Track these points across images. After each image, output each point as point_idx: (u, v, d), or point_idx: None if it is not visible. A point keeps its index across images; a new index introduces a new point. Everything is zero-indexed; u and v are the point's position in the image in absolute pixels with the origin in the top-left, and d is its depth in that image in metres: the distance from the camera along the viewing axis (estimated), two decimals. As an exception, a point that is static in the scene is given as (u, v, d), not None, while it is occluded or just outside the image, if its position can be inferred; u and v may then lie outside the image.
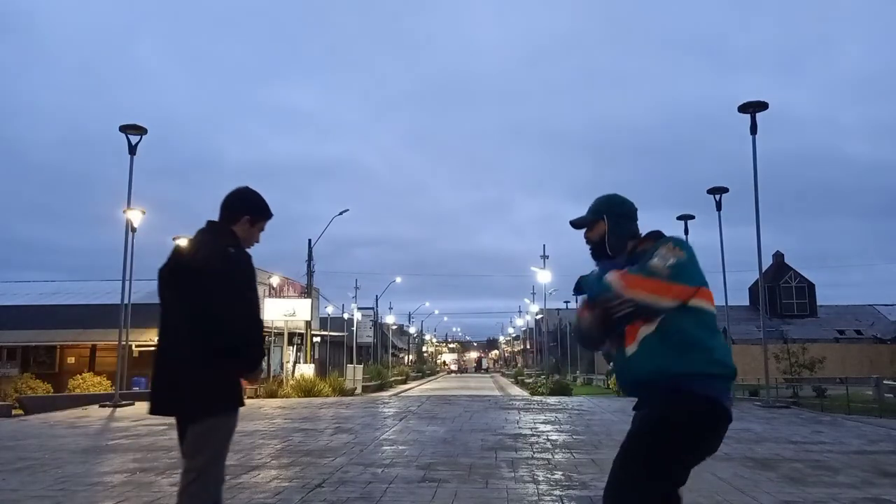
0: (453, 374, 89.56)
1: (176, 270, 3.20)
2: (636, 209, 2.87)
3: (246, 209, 3.29)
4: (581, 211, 2.96)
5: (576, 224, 2.92)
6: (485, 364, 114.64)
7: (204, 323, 2.98)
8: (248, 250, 3.27)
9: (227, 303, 3.00)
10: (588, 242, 2.88)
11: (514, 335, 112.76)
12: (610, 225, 2.78)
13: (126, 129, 17.45)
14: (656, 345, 2.53)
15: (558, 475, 6.50)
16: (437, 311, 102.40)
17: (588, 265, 2.96)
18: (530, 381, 43.55)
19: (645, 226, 2.84)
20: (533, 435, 9.87)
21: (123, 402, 16.33)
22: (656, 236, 2.73)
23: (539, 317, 62.45)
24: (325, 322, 42.21)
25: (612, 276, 2.57)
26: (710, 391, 2.52)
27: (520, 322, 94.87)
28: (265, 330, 3.24)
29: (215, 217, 3.32)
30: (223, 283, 3.02)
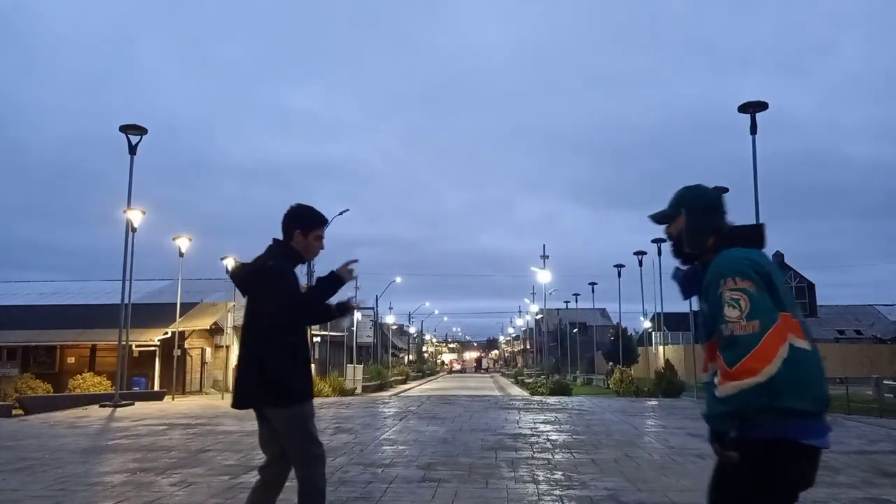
0: (453, 375, 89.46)
1: (236, 283, 3.75)
2: (721, 201, 2.56)
3: (295, 224, 3.64)
4: (580, 210, 2.93)
5: (655, 218, 2.65)
6: (485, 364, 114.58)
7: (266, 327, 3.49)
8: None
9: (271, 310, 3.48)
10: (669, 239, 2.63)
11: (514, 335, 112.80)
12: (688, 220, 2.51)
13: (126, 129, 17.45)
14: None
15: (558, 475, 6.50)
16: (437, 311, 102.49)
17: (589, 265, 2.93)
18: (530, 380, 43.54)
19: (643, 226, 2.76)
20: (533, 435, 9.87)
21: (123, 402, 16.33)
22: (723, 242, 2.42)
23: (539, 317, 62.44)
24: (325, 322, 42.16)
25: (718, 380, 2.27)
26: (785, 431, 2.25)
27: (520, 322, 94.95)
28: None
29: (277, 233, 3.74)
30: (265, 292, 3.50)
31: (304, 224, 3.66)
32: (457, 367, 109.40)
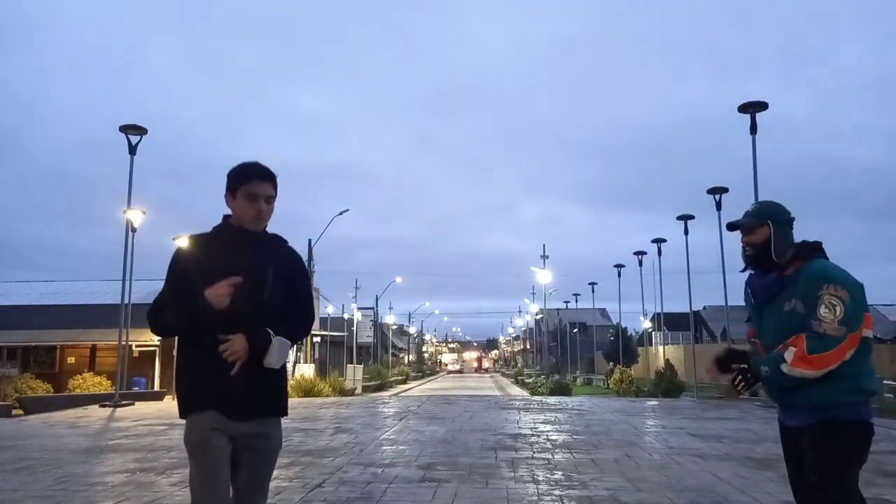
0: (452, 375, 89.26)
1: None
2: (794, 218, 2.95)
3: (226, 188, 2.84)
4: (581, 211, 3.00)
5: (736, 226, 2.96)
6: (485, 364, 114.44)
7: None
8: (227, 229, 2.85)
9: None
10: (747, 246, 2.93)
11: (514, 335, 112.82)
12: (777, 232, 2.85)
13: (126, 129, 17.45)
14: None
15: (558, 475, 6.50)
16: (437, 311, 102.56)
17: (589, 265, 2.97)
18: (530, 380, 43.55)
19: (644, 226, 2.85)
20: (533, 435, 9.87)
21: (123, 402, 16.32)
22: (807, 255, 2.83)
23: (539, 317, 62.44)
24: (325, 322, 42.17)
25: (790, 356, 2.69)
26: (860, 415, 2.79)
27: (520, 322, 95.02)
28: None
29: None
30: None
31: (232, 182, 2.80)
32: (455, 367, 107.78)
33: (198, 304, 2.62)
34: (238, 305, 2.64)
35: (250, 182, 2.78)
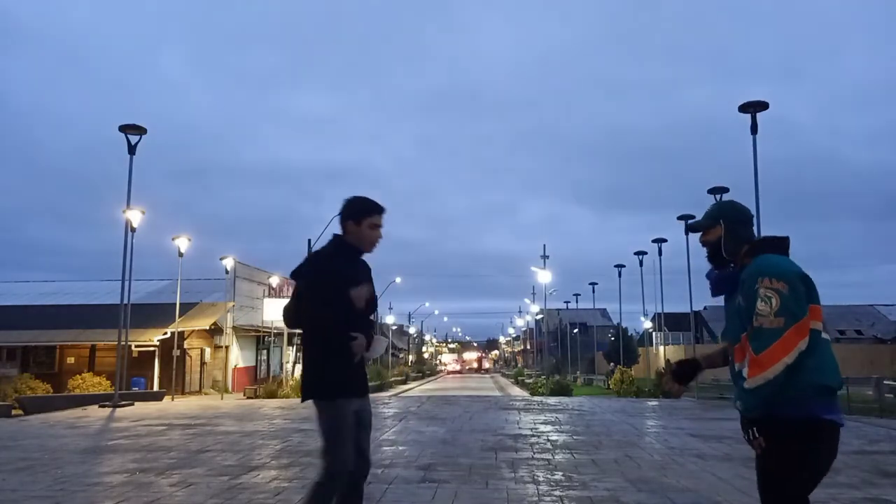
0: (452, 375, 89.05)
1: None
2: (752, 216, 2.97)
3: (347, 215, 3.54)
4: (582, 212, 3.02)
5: (693, 227, 3.05)
6: (485, 364, 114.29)
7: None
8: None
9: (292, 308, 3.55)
10: (704, 245, 2.98)
11: (514, 335, 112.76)
12: (727, 230, 2.88)
13: (125, 128, 17.47)
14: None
15: (558, 475, 6.49)
16: (437, 312, 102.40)
17: (590, 265, 2.98)
18: (530, 381, 43.51)
19: (644, 227, 2.86)
20: (533, 435, 9.86)
21: (123, 403, 16.33)
22: (757, 249, 2.79)
23: (539, 317, 62.44)
24: (325, 322, 42.15)
25: (746, 371, 2.60)
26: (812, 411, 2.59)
27: (520, 322, 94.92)
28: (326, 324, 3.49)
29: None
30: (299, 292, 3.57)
31: (356, 213, 3.53)
32: (455, 367, 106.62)
33: (343, 304, 3.35)
34: (363, 310, 3.43)
35: (375, 215, 3.56)
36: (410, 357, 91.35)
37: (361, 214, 3.52)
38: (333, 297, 3.38)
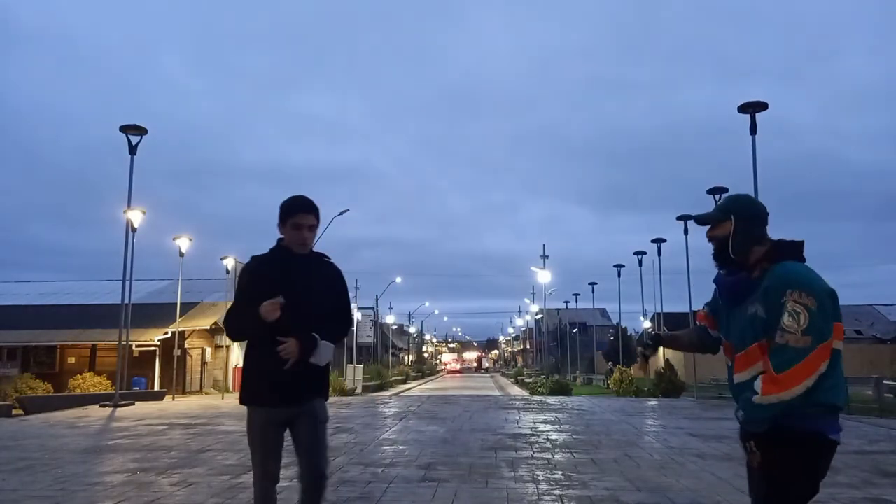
0: (452, 375, 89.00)
1: None
2: (767, 213, 2.70)
3: (279, 217, 3.47)
4: (582, 212, 2.96)
5: (700, 220, 2.77)
6: (485, 364, 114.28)
7: None
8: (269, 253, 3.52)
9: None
10: (711, 241, 2.74)
11: (514, 335, 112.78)
12: (737, 226, 2.63)
13: (126, 129, 17.46)
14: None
15: (558, 475, 6.50)
16: (437, 311, 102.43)
17: (589, 265, 2.95)
18: (530, 380, 43.52)
19: (644, 227, 2.81)
20: (533, 435, 9.87)
21: (123, 402, 16.32)
22: (776, 256, 2.57)
23: (539, 317, 62.42)
24: (325, 322, 42.12)
25: (759, 385, 2.43)
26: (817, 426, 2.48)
27: (520, 322, 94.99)
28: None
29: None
30: None
31: (281, 214, 3.43)
32: (455, 367, 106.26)
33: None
34: (289, 316, 3.22)
35: (296, 214, 3.39)
36: (410, 357, 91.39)
37: (284, 215, 3.42)
38: (251, 303, 3.26)
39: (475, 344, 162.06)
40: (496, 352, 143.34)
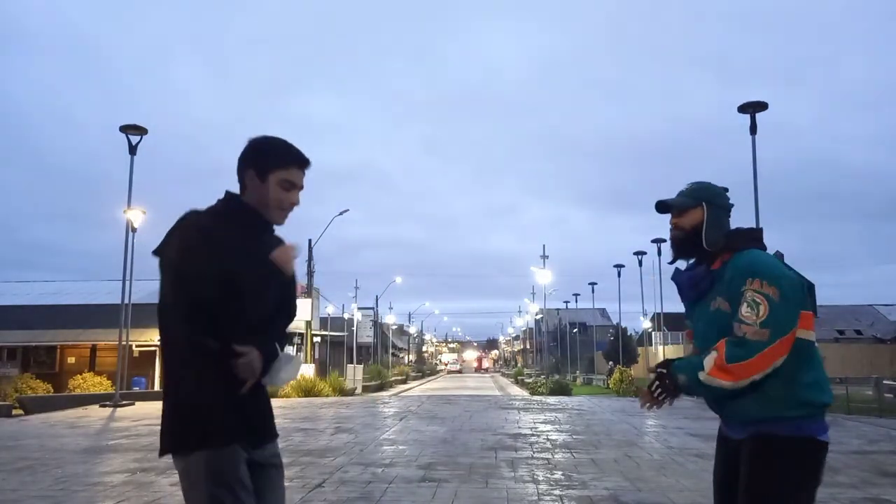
0: (452, 375, 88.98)
1: None
2: (732, 205, 2.56)
3: (248, 163, 2.25)
4: (583, 212, 2.85)
5: (669, 206, 2.54)
6: (485, 364, 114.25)
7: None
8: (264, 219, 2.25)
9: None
10: (674, 229, 2.53)
11: (513, 335, 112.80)
12: (711, 215, 2.46)
13: (126, 129, 17.47)
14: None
15: (558, 475, 6.50)
16: (437, 311, 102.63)
17: (589, 265, 2.92)
18: (530, 380, 43.53)
19: (644, 227, 2.74)
20: (533, 435, 9.87)
21: (124, 402, 16.33)
22: (737, 245, 2.42)
23: (539, 317, 62.45)
24: (325, 322, 42.19)
25: (709, 364, 2.27)
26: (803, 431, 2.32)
27: (519, 322, 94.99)
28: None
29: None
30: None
31: (263, 161, 2.21)
32: (454, 367, 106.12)
33: (229, 296, 2.03)
34: (270, 302, 2.16)
35: (290, 169, 2.24)
36: (410, 357, 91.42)
37: (270, 164, 2.21)
38: (210, 283, 2.02)
39: (475, 344, 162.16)
40: (496, 352, 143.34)
